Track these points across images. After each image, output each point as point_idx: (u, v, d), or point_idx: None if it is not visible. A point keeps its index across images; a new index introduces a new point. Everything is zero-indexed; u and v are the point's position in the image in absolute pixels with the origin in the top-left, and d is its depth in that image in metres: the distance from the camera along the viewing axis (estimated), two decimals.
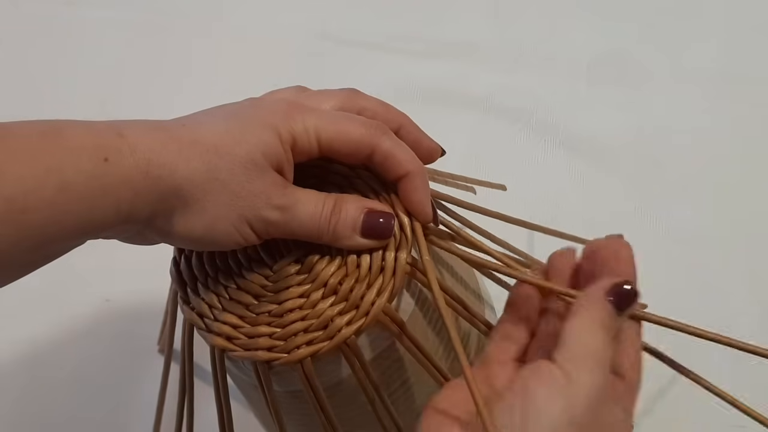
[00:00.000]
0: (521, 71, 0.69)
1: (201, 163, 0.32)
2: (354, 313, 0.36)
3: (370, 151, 0.36)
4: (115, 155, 0.31)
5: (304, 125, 0.35)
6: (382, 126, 0.36)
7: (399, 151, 0.36)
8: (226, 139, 0.33)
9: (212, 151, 0.33)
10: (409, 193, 0.37)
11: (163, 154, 0.32)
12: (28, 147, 0.29)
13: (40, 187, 0.29)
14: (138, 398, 0.56)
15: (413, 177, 0.36)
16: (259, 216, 0.34)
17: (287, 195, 0.35)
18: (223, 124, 0.34)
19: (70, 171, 0.30)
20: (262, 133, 0.34)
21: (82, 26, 0.79)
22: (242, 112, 0.35)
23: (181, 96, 0.71)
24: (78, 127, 0.31)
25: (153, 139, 0.32)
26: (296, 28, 0.75)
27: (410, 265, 0.37)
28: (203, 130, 0.33)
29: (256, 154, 0.33)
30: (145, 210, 0.32)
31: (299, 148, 0.35)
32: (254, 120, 0.34)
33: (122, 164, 0.31)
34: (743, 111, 0.63)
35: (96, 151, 0.30)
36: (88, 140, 0.30)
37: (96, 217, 0.31)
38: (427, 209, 0.37)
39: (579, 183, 0.61)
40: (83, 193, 0.30)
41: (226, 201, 0.33)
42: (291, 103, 0.36)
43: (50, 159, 0.29)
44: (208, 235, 0.34)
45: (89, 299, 0.61)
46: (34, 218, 0.29)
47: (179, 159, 0.32)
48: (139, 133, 0.32)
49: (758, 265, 0.55)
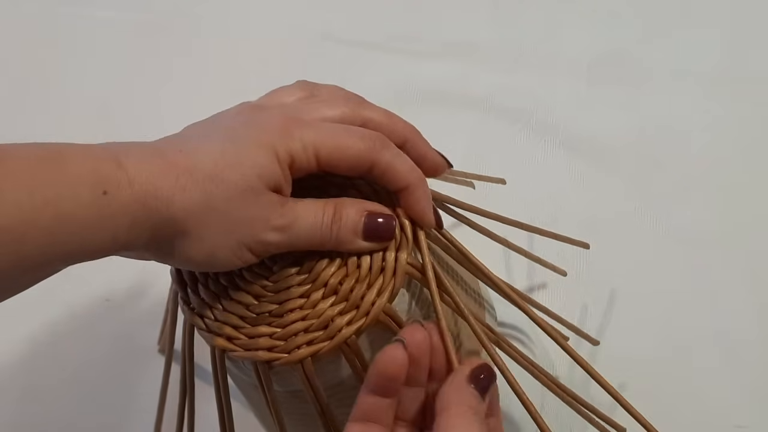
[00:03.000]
0: (521, 71, 0.69)
1: (197, 192, 0.32)
2: (354, 313, 0.36)
3: (370, 166, 0.35)
4: (114, 188, 0.31)
5: (302, 142, 0.34)
6: (382, 139, 0.36)
7: (398, 164, 0.36)
8: (222, 164, 0.33)
9: (208, 179, 0.32)
10: (410, 205, 0.37)
11: (160, 184, 0.32)
12: (26, 175, 0.29)
13: (38, 217, 0.29)
14: (138, 398, 0.56)
15: (414, 189, 0.36)
16: (258, 240, 0.34)
17: (286, 214, 0.34)
18: (219, 148, 0.33)
19: (68, 203, 0.29)
20: (257, 155, 0.33)
21: (82, 26, 0.79)
22: (239, 131, 0.34)
23: (181, 96, 0.71)
24: (77, 155, 0.31)
25: (150, 170, 0.32)
26: (297, 28, 0.75)
27: (410, 265, 0.37)
28: (200, 156, 0.33)
29: (252, 178, 0.33)
30: (143, 238, 0.32)
31: (297, 165, 0.35)
32: (250, 141, 0.34)
33: (120, 197, 0.31)
34: (744, 111, 0.63)
35: (95, 183, 0.30)
36: (87, 171, 0.30)
37: (93, 244, 0.31)
38: (428, 217, 0.37)
39: (579, 183, 0.61)
40: (81, 222, 0.30)
41: (224, 230, 0.33)
42: (288, 118, 0.35)
43: (48, 190, 0.29)
44: (207, 261, 0.34)
45: (89, 299, 0.61)
46: (30, 247, 0.29)
47: (176, 189, 0.32)
48: (137, 163, 0.31)
49: (759, 265, 0.55)
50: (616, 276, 0.56)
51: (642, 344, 0.53)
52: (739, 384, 0.51)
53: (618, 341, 0.53)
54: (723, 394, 0.51)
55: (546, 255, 0.52)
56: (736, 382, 0.51)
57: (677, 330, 0.54)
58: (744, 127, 0.62)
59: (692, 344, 0.53)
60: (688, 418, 0.50)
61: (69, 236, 0.30)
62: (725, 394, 0.51)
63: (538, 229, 0.48)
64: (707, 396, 0.51)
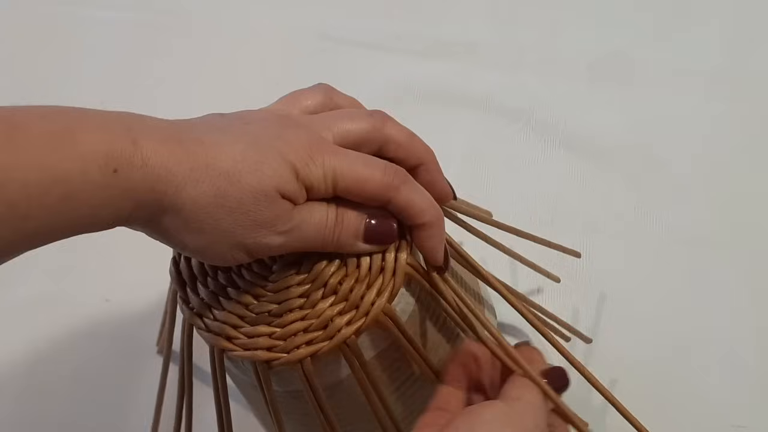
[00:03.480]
0: (521, 71, 0.68)
1: (210, 187, 0.32)
2: (354, 313, 0.36)
3: (387, 201, 0.35)
4: (126, 166, 0.30)
5: (323, 170, 0.34)
6: (401, 173, 0.35)
7: (416, 201, 0.36)
8: (241, 165, 0.32)
9: (224, 176, 0.32)
10: (423, 241, 0.36)
11: (174, 171, 0.31)
12: (37, 152, 0.29)
13: (45, 194, 0.29)
14: (137, 398, 0.56)
15: (429, 227, 0.36)
16: (260, 243, 0.34)
17: (292, 219, 0.34)
18: (241, 149, 0.33)
19: (77, 180, 0.29)
20: (279, 167, 0.33)
21: (83, 26, 0.79)
22: (263, 140, 0.34)
23: (182, 95, 0.71)
24: (91, 128, 0.30)
25: (166, 154, 0.31)
26: (296, 27, 0.75)
27: (410, 266, 0.37)
28: (219, 153, 0.32)
29: (268, 186, 0.33)
30: (144, 217, 0.32)
31: (314, 192, 0.34)
32: (274, 151, 0.33)
33: (131, 177, 0.30)
34: (744, 110, 0.63)
35: (106, 161, 0.30)
36: (101, 146, 0.30)
37: (95, 221, 0.31)
38: (438, 256, 0.37)
39: (579, 183, 0.61)
40: (86, 201, 0.30)
41: (226, 228, 0.33)
42: (313, 141, 0.34)
43: (59, 167, 0.29)
44: (199, 251, 0.34)
45: (89, 299, 0.61)
46: (34, 224, 0.29)
47: (189, 179, 0.31)
48: (153, 144, 0.31)
49: (758, 265, 0.55)
50: (615, 276, 0.56)
51: (640, 344, 0.53)
52: (738, 384, 0.51)
53: (616, 341, 0.53)
54: (721, 393, 0.51)
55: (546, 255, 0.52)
56: (735, 382, 0.51)
57: (676, 330, 0.54)
58: (744, 126, 0.62)
59: (691, 344, 0.53)
60: (687, 418, 0.50)
61: (73, 213, 0.30)
62: (724, 394, 0.51)
63: (532, 236, 0.48)
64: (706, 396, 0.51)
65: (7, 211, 0.28)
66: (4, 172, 0.28)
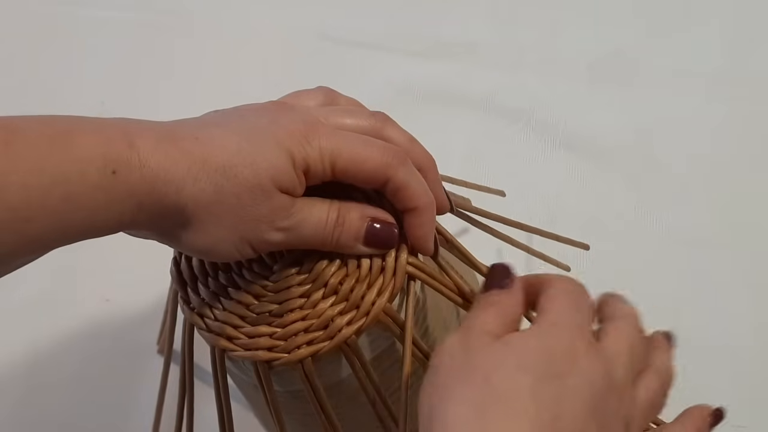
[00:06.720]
0: (521, 71, 0.69)
1: (208, 184, 0.32)
2: (354, 313, 0.36)
3: (384, 181, 0.35)
4: (124, 169, 0.30)
5: (320, 150, 0.34)
6: (400, 154, 0.35)
7: (412, 184, 0.35)
8: (236, 159, 0.32)
9: (221, 171, 0.32)
10: (413, 228, 0.36)
11: (172, 171, 0.31)
12: (35, 155, 0.29)
13: (45, 196, 0.29)
14: (138, 398, 0.56)
15: (420, 212, 0.36)
16: (261, 239, 0.34)
17: (292, 216, 0.34)
18: (236, 142, 0.33)
19: (76, 183, 0.29)
20: (273, 156, 0.33)
21: (83, 26, 0.79)
22: (258, 129, 0.34)
23: (182, 95, 0.71)
24: (88, 133, 0.30)
25: (164, 154, 0.31)
26: (296, 28, 0.75)
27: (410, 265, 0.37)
28: (215, 147, 0.32)
29: (264, 178, 0.33)
30: (148, 220, 0.32)
31: (312, 173, 0.34)
32: (268, 140, 0.33)
33: (129, 178, 0.30)
34: (744, 111, 0.63)
35: (104, 163, 0.30)
36: (98, 150, 0.30)
37: (98, 224, 0.31)
38: (428, 245, 0.37)
39: (579, 183, 0.61)
40: (87, 203, 0.30)
41: (229, 224, 0.33)
42: (309, 124, 0.34)
43: (57, 170, 0.29)
44: (208, 251, 0.34)
45: (89, 299, 0.61)
46: (36, 227, 0.29)
47: (187, 177, 0.32)
48: (150, 145, 0.31)
49: (758, 265, 0.55)
50: (615, 276, 0.56)
51: None
52: (739, 384, 0.51)
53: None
54: (721, 393, 0.51)
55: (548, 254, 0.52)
56: (736, 382, 0.51)
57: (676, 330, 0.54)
58: (744, 127, 0.62)
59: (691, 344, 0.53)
60: None
61: (75, 216, 0.30)
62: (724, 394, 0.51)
63: (539, 230, 0.48)
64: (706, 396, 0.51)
65: (8, 215, 0.28)
66: (3, 176, 0.28)
